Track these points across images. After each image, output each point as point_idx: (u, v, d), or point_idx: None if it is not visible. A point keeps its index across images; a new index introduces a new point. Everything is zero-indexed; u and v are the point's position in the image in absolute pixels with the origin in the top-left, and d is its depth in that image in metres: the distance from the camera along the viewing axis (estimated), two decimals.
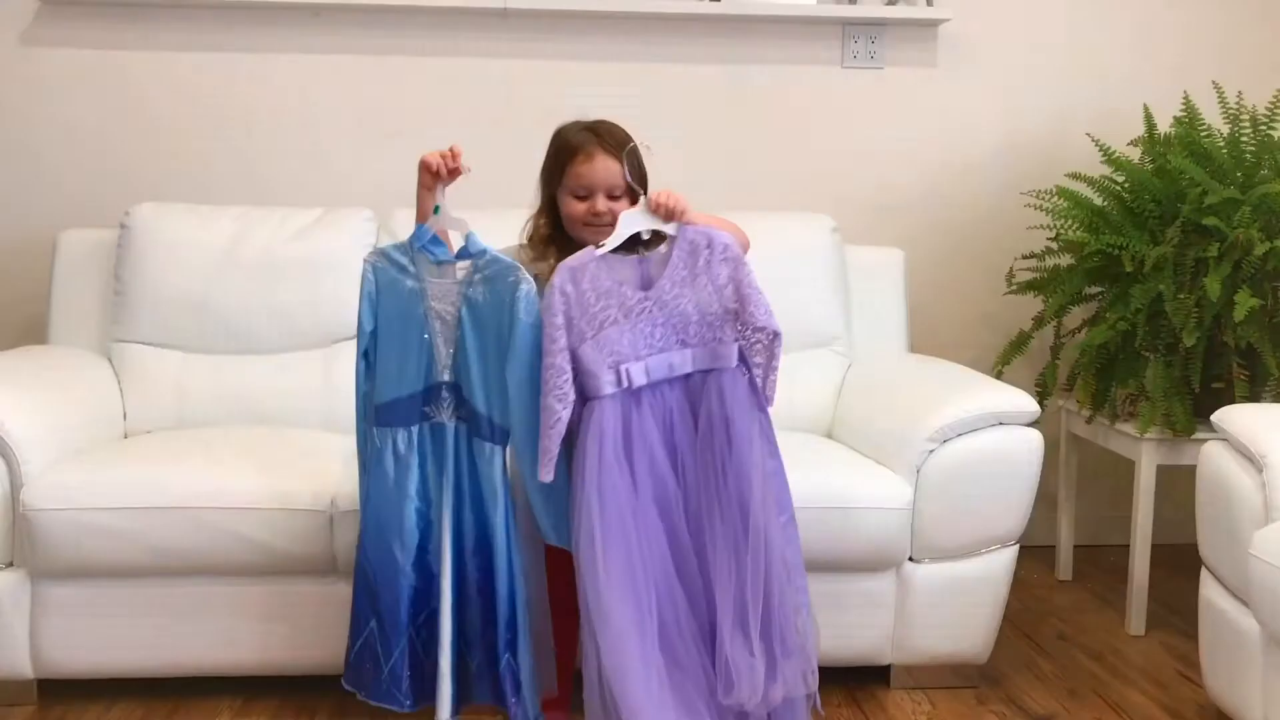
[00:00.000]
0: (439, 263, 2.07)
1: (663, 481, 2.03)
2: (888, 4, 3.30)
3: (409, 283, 2.09)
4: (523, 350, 1.99)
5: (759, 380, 2.05)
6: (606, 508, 1.97)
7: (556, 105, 3.17)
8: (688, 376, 2.05)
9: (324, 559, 2.33)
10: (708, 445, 2.03)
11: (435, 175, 2.08)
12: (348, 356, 2.80)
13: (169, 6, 3.14)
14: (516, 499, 2.08)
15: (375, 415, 2.11)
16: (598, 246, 2.01)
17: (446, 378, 2.07)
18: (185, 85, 3.19)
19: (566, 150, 2.14)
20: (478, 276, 2.04)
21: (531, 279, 2.02)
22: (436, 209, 2.10)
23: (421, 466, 2.09)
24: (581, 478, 1.99)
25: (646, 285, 2.04)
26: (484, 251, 2.05)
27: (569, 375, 1.98)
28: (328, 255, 2.87)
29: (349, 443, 2.64)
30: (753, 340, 2.05)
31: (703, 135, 3.28)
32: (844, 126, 3.36)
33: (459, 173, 2.08)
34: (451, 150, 2.08)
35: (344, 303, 2.84)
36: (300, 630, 2.37)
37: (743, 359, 2.06)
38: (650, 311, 2.03)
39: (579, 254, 2.02)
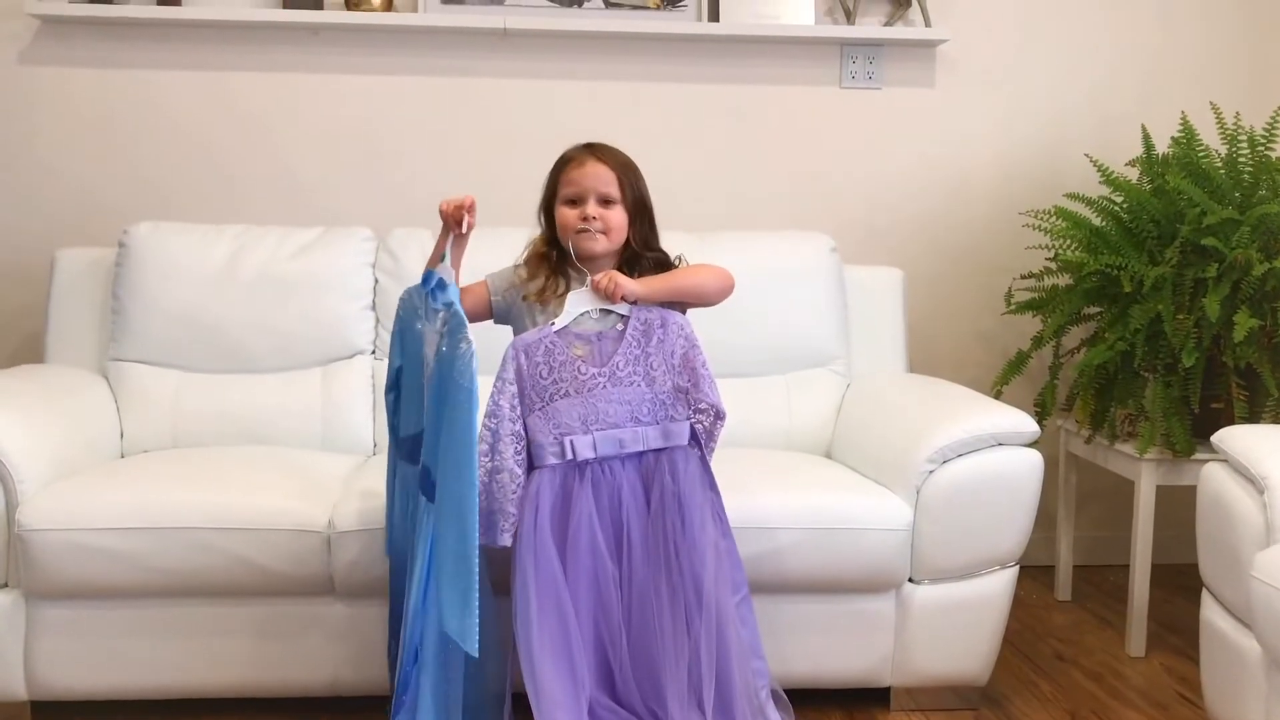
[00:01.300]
0: (434, 310, 2.06)
1: (601, 558, 2.04)
2: (886, 25, 3.30)
3: (419, 325, 2.11)
4: (456, 411, 1.92)
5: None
6: (540, 576, 1.99)
7: (555, 125, 3.22)
8: (641, 454, 2.08)
9: (321, 580, 2.32)
10: (659, 523, 2.05)
11: (445, 219, 2.10)
12: (346, 376, 2.84)
13: (167, 26, 3.14)
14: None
15: (399, 448, 2.13)
16: (551, 324, 2.05)
17: (426, 424, 2.06)
18: (184, 104, 3.19)
19: (561, 161, 2.18)
20: (446, 328, 2.01)
21: (472, 341, 1.94)
22: (444, 256, 2.09)
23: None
24: (518, 545, 2.01)
25: (602, 361, 2.05)
26: (451, 304, 2.01)
27: (508, 423, 2.01)
28: (326, 274, 2.87)
29: (347, 462, 2.66)
30: (696, 419, 2.10)
31: (701, 155, 3.28)
32: (842, 147, 3.36)
33: (466, 221, 2.09)
34: (463, 200, 2.09)
35: (342, 322, 2.86)
36: (297, 652, 2.35)
37: (694, 437, 2.08)
38: (604, 387, 2.06)
39: (534, 331, 2.06)
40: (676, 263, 2.22)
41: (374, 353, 2.89)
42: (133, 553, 2.26)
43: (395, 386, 2.18)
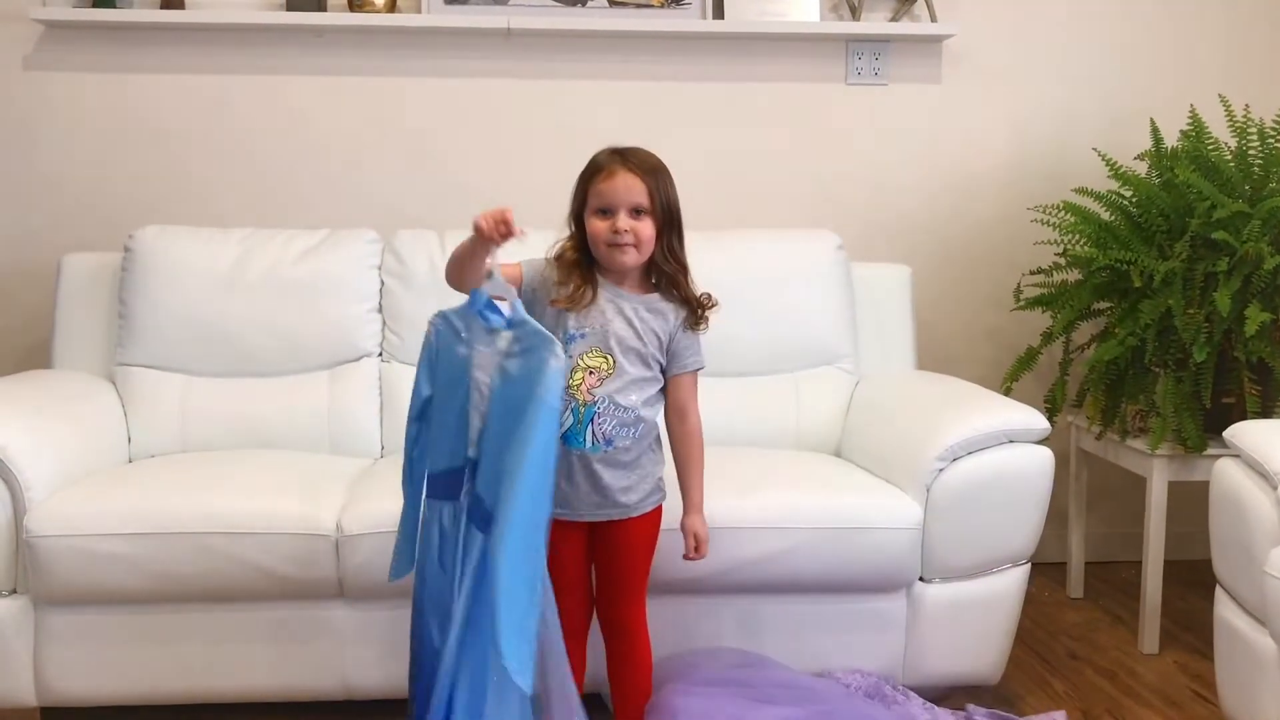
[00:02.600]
0: (491, 330, 1.97)
1: None
2: (891, 20, 3.29)
3: (461, 350, 2.00)
4: (535, 431, 1.82)
5: None
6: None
7: (560, 125, 3.22)
8: None
9: (330, 583, 2.31)
10: None
11: (488, 238, 1.95)
12: (353, 379, 2.83)
13: (171, 29, 3.14)
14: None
15: (427, 485, 2.03)
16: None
17: (472, 454, 1.97)
18: (188, 108, 3.19)
19: (590, 169, 2.10)
20: (516, 348, 1.94)
21: (563, 357, 1.90)
22: (490, 274, 1.99)
23: (466, 541, 1.97)
24: None
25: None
26: (525, 322, 1.94)
27: None
28: (332, 277, 2.86)
29: (355, 465, 2.65)
30: None
31: (707, 153, 3.27)
32: (849, 143, 3.35)
33: (511, 236, 1.95)
34: (503, 214, 1.95)
35: (349, 325, 2.85)
36: (306, 655, 2.35)
37: None
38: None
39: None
40: (704, 299, 2.14)
41: (380, 355, 2.88)
42: (141, 558, 2.26)
43: (420, 418, 2.05)
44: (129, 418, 2.77)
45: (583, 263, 2.10)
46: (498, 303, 2.00)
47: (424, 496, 2.05)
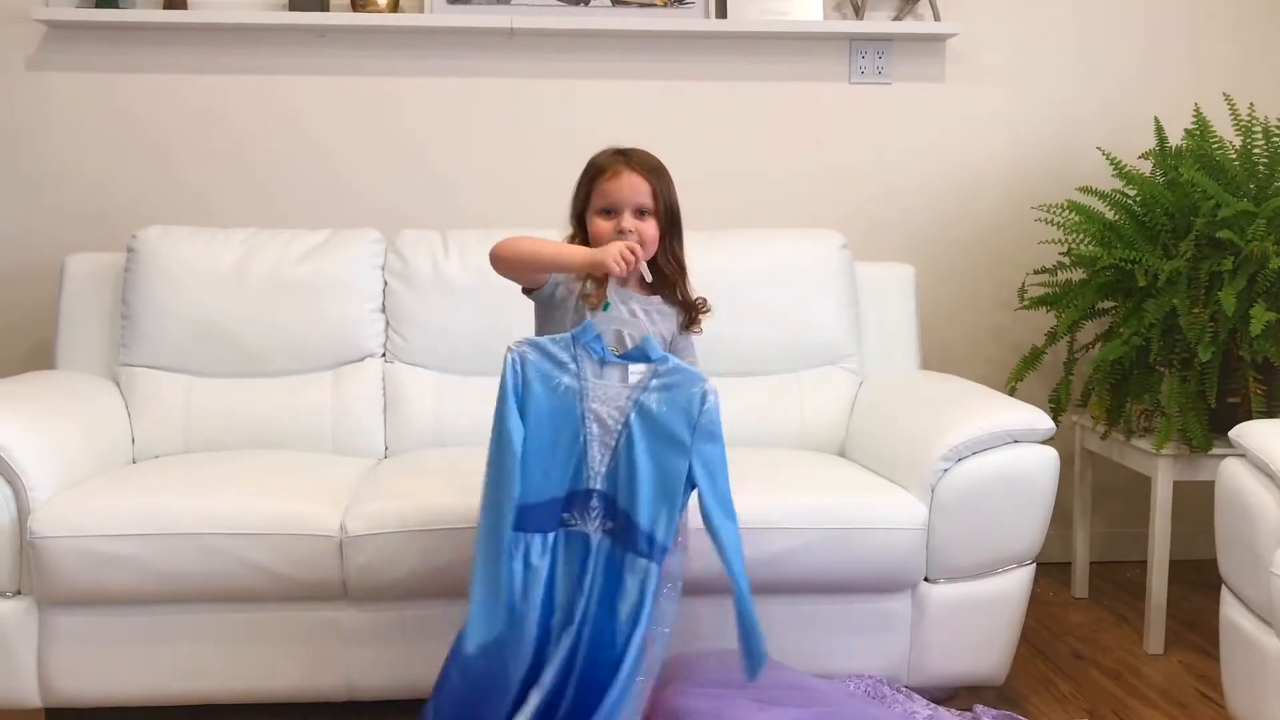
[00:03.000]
0: (604, 363, 1.97)
1: None
2: (895, 19, 3.28)
3: (566, 379, 1.96)
4: (717, 466, 1.93)
5: None
6: None
7: (564, 124, 3.22)
8: None
9: (334, 585, 2.31)
10: None
11: (617, 275, 1.96)
12: (356, 379, 2.83)
13: (174, 30, 3.14)
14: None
15: (526, 515, 1.96)
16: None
17: (598, 486, 1.95)
18: (191, 108, 3.18)
19: (594, 169, 2.11)
20: (655, 383, 1.95)
21: (716, 390, 1.95)
22: (606, 305, 1.99)
23: (550, 576, 1.96)
24: None
25: None
26: (666, 358, 1.96)
27: None
28: (335, 277, 2.86)
29: (358, 466, 2.65)
30: None
31: (710, 152, 3.26)
32: (852, 142, 3.34)
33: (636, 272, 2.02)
34: (634, 251, 1.96)
35: (352, 325, 2.85)
36: (310, 657, 2.34)
37: None
38: None
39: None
40: (699, 304, 2.15)
41: (384, 355, 2.88)
42: (144, 559, 2.25)
43: (516, 457, 1.94)
44: (132, 418, 2.77)
45: None
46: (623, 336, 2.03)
47: (508, 530, 1.95)
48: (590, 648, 1.95)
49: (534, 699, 1.91)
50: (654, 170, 2.09)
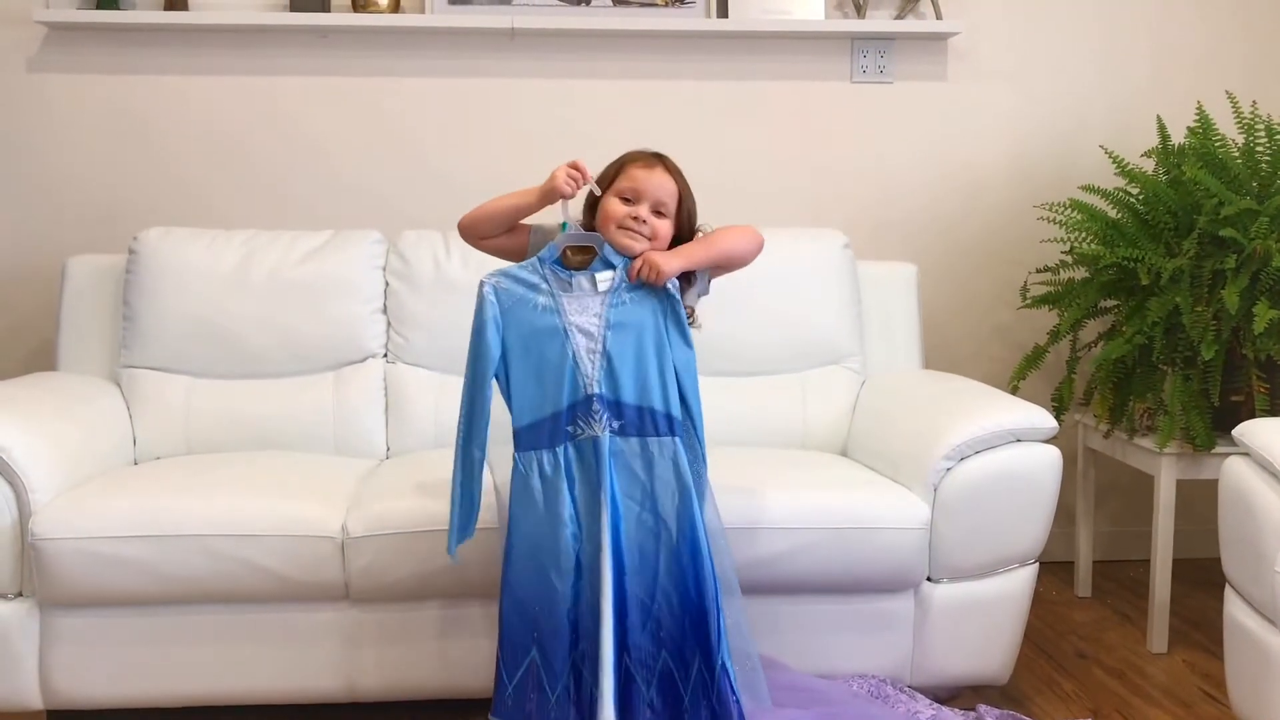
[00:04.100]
0: (572, 278, 2.07)
1: None
2: (896, 18, 3.28)
3: (541, 299, 2.06)
4: (688, 337, 2.07)
5: None
6: None
7: (565, 124, 3.21)
8: None
9: (336, 586, 2.30)
10: None
11: (565, 194, 2.09)
12: (358, 380, 2.83)
13: (175, 31, 3.14)
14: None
15: (516, 440, 2.06)
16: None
17: (597, 390, 2.03)
18: (193, 109, 3.18)
19: (628, 158, 2.14)
20: (624, 282, 2.06)
21: (675, 283, 2.07)
22: (564, 225, 2.09)
23: (570, 488, 2.03)
24: None
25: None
26: (626, 260, 2.07)
27: None
28: (337, 278, 2.86)
29: (360, 467, 2.65)
30: None
31: (712, 152, 3.25)
32: (854, 141, 3.34)
33: (584, 183, 2.11)
34: (577, 163, 2.09)
35: (354, 325, 2.85)
36: (313, 658, 2.34)
37: None
38: None
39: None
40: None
41: (386, 356, 2.87)
42: (146, 560, 2.25)
43: (489, 379, 2.06)
44: (134, 420, 2.77)
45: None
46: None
47: (514, 451, 2.06)
48: (642, 543, 2.01)
49: (606, 609, 1.96)
50: (684, 184, 2.14)
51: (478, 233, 2.15)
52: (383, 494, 2.39)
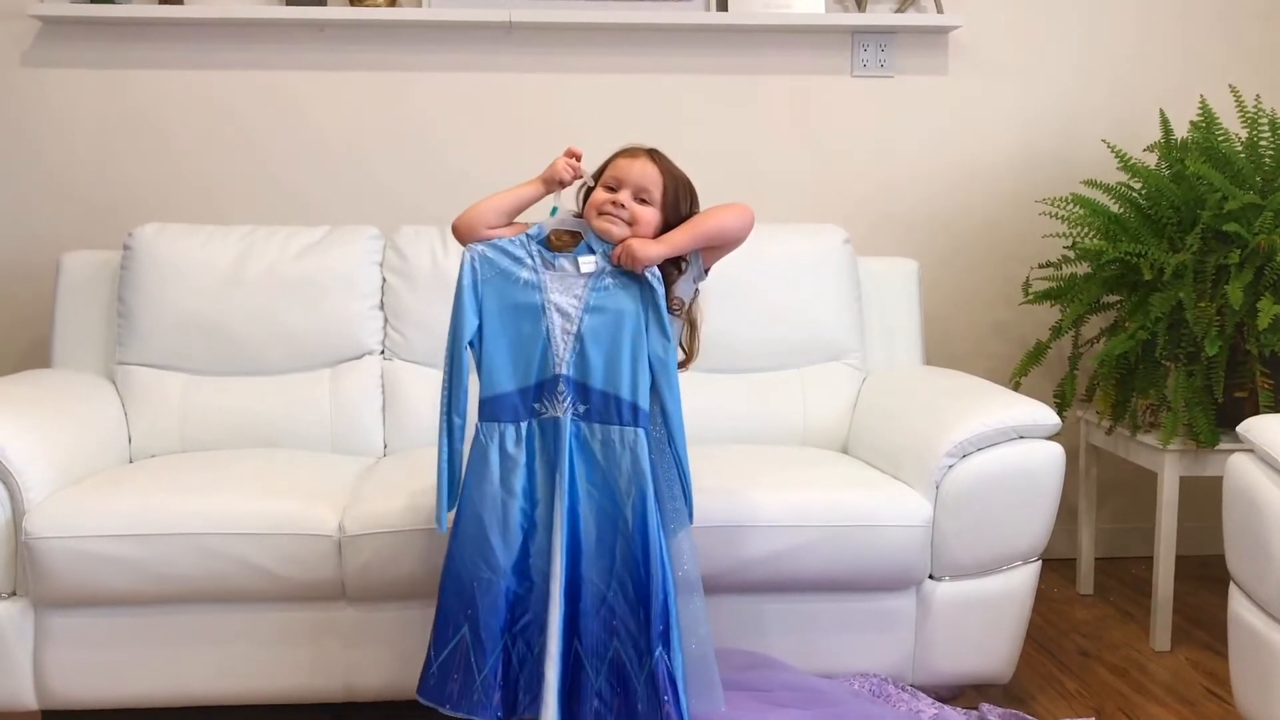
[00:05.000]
0: (555, 259, 2.07)
1: None
2: (897, 11, 3.25)
3: (524, 274, 2.07)
4: (669, 331, 2.04)
5: None
6: None
7: (563, 118, 3.19)
8: None
9: (332, 585, 2.28)
10: None
11: (563, 183, 2.12)
12: (355, 377, 2.81)
13: (171, 25, 3.11)
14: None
15: (481, 409, 2.05)
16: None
17: (565, 371, 2.03)
18: (188, 104, 3.16)
19: (617, 153, 2.14)
20: (609, 268, 2.06)
21: (657, 274, 2.05)
22: (554, 210, 2.11)
23: (529, 464, 2.03)
24: None
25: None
26: (608, 246, 2.07)
27: None
28: (333, 274, 2.83)
29: (357, 464, 2.63)
30: None
31: (712, 146, 3.23)
32: (854, 136, 3.31)
33: (579, 176, 2.13)
34: (574, 150, 2.12)
35: (351, 322, 2.83)
36: (309, 658, 2.32)
37: None
38: None
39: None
40: (674, 302, 2.13)
41: (383, 353, 2.85)
42: (141, 560, 2.23)
43: (466, 348, 2.06)
44: (129, 417, 2.75)
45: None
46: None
47: (480, 422, 2.05)
48: (600, 529, 2.00)
49: (555, 591, 1.96)
50: (672, 174, 2.11)
51: (484, 223, 2.12)
52: (380, 492, 2.37)
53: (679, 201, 2.11)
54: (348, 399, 2.79)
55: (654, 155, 2.12)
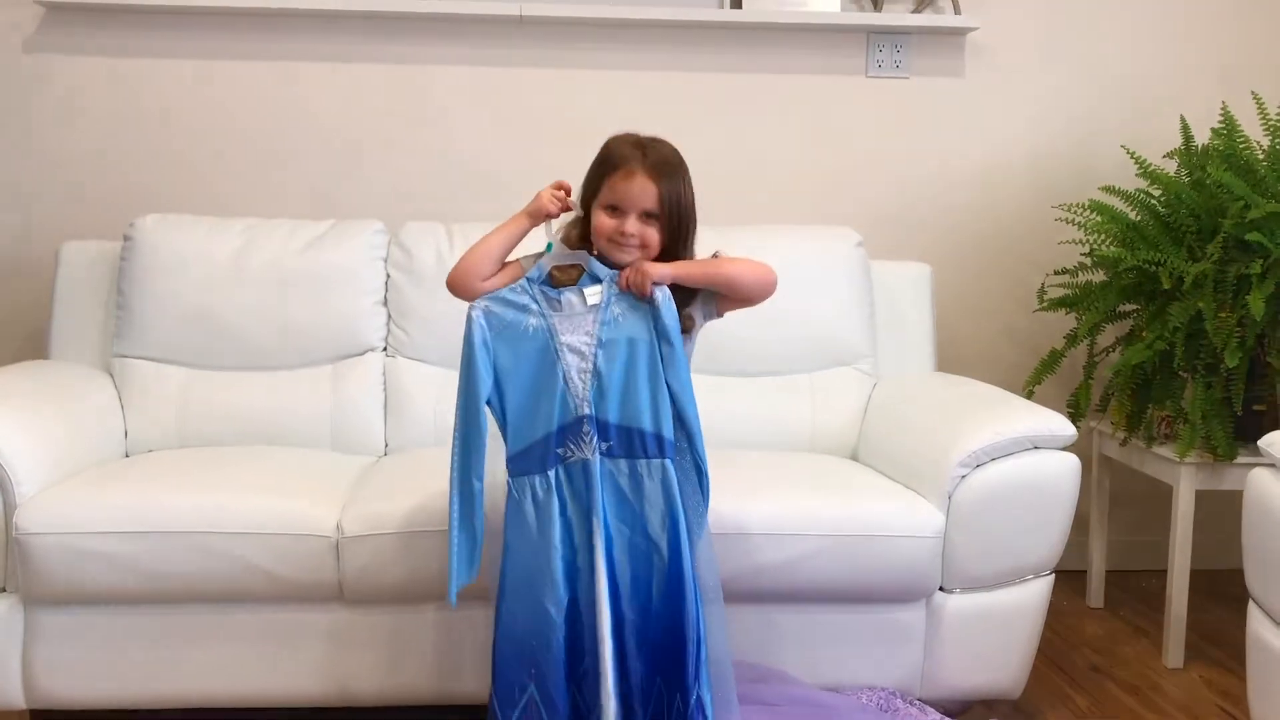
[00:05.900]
0: (560, 296, 2.01)
1: None
2: (914, 12, 3.21)
3: (531, 321, 2.01)
4: (681, 352, 1.99)
5: None
6: None
7: (573, 114, 3.15)
8: None
9: (330, 586, 2.24)
10: None
11: (550, 215, 2.05)
12: (357, 373, 2.76)
13: (174, 14, 3.07)
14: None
15: (510, 465, 1.99)
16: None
17: (586, 411, 1.97)
18: (191, 94, 3.12)
19: (609, 163, 2.04)
20: (615, 296, 2.00)
21: (667, 292, 2.00)
22: (549, 246, 2.04)
23: (563, 513, 1.97)
24: None
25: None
26: (612, 274, 2.01)
27: None
28: (337, 269, 2.79)
29: (357, 464, 2.58)
30: None
31: (724, 146, 3.19)
32: (869, 137, 3.26)
33: (568, 209, 2.06)
34: (561, 184, 2.05)
35: (354, 318, 2.78)
36: (304, 660, 2.28)
37: None
38: None
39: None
40: (685, 318, 2.09)
41: (385, 350, 2.81)
42: (134, 557, 2.18)
43: (484, 408, 1.99)
44: (126, 411, 2.70)
45: (584, 250, 2.06)
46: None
47: (508, 478, 1.99)
48: (634, 566, 1.95)
49: (605, 639, 1.91)
50: (668, 173, 2.02)
51: (479, 274, 2.05)
52: (380, 492, 2.32)
53: (678, 197, 2.03)
54: (349, 396, 2.74)
55: (645, 160, 2.01)
